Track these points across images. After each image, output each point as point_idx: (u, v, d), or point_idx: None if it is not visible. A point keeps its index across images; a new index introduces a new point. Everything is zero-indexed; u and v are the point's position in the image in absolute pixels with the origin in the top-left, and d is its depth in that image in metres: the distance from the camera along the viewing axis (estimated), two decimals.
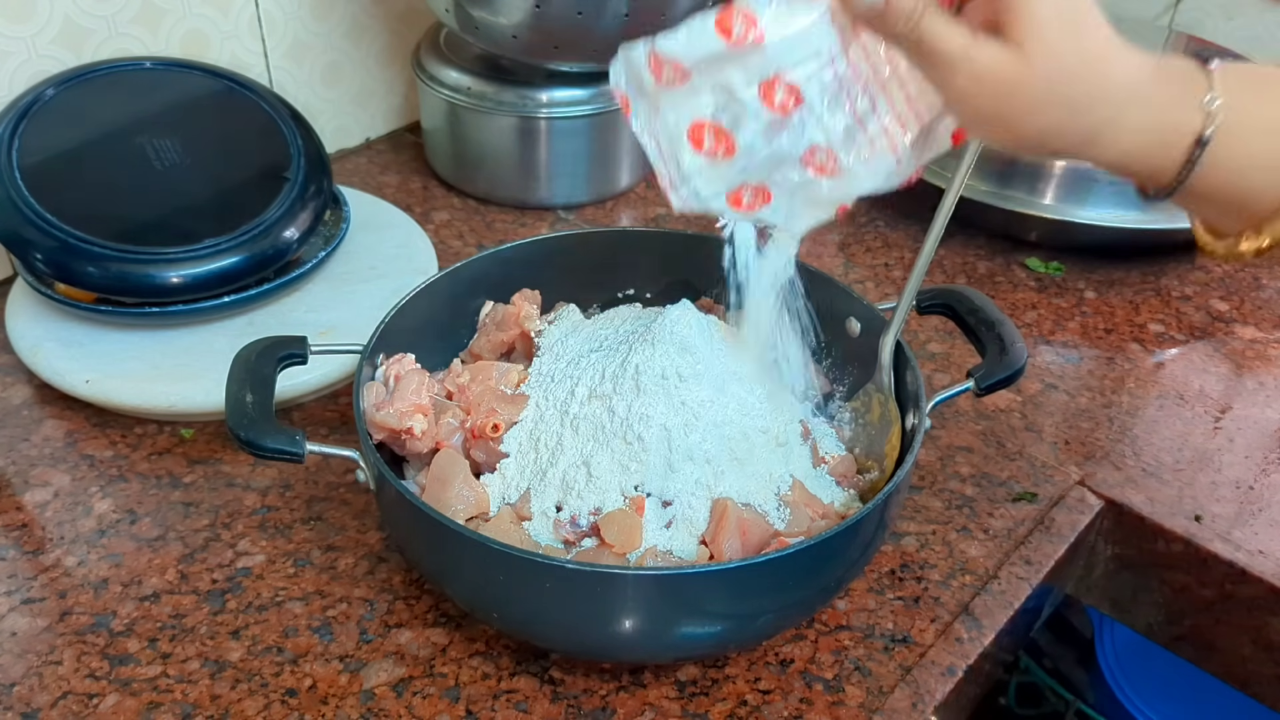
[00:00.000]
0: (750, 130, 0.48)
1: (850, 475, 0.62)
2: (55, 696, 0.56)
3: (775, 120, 0.47)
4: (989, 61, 0.41)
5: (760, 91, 0.47)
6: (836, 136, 0.47)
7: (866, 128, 0.47)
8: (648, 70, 0.48)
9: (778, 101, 0.47)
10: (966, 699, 0.63)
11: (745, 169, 0.50)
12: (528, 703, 0.56)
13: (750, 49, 0.45)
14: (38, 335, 0.76)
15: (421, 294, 0.66)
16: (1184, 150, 0.44)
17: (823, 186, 0.49)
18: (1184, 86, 0.44)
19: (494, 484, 0.59)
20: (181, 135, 0.80)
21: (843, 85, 0.46)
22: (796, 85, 0.46)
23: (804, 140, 0.48)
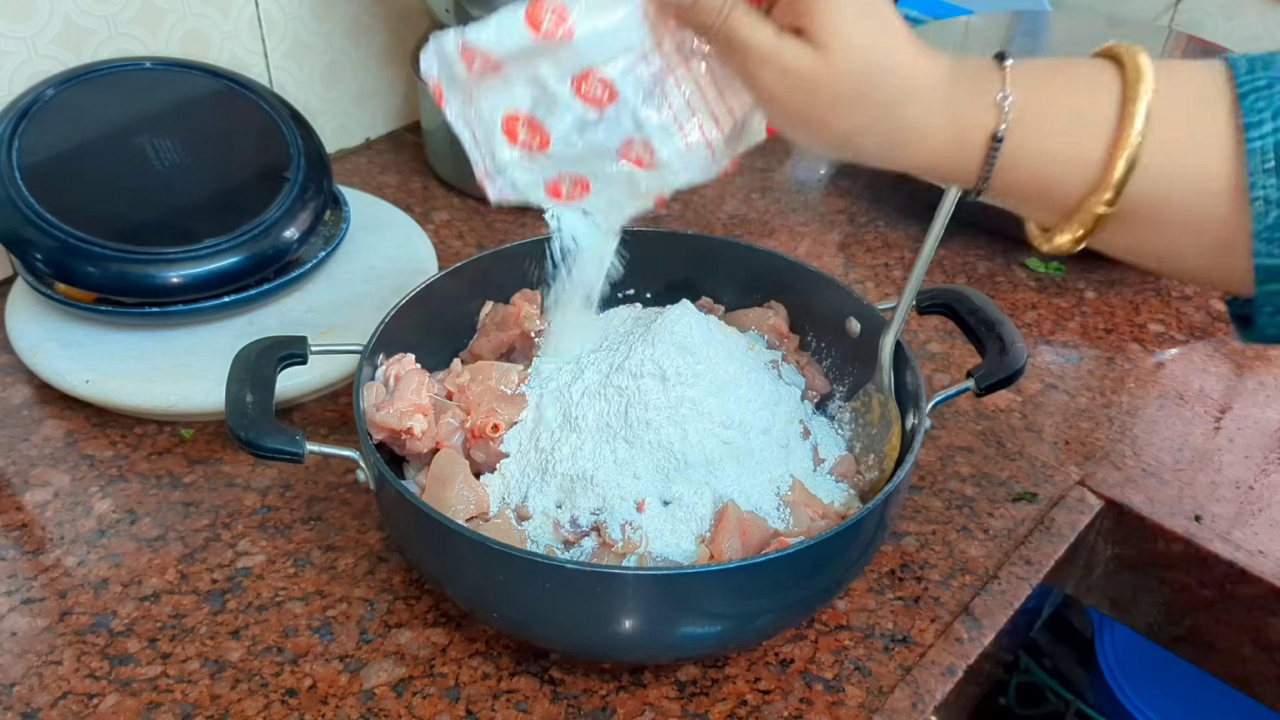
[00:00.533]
0: (565, 123, 0.48)
1: (850, 475, 0.62)
2: (55, 696, 0.56)
3: (590, 114, 0.48)
4: (792, 60, 0.42)
5: (573, 85, 0.47)
6: (652, 130, 0.48)
7: (681, 122, 0.48)
8: (459, 61, 0.48)
9: (592, 95, 0.47)
10: (966, 699, 0.63)
11: (561, 161, 0.50)
12: (528, 703, 0.56)
13: (560, 43, 0.45)
14: (38, 335, 0.76)
15: (421, 294, 0.66)
16: (982, 148, 0.44)
17: (640, 179, 0.50)
18: (978, 84, 0.44)
19: (494, 484, 0.59)
20: (181, 135, 0.80)
21: (657, 80, 0.47)
22: (610, 80, 0.46)
23: (620, 134, 0.48)
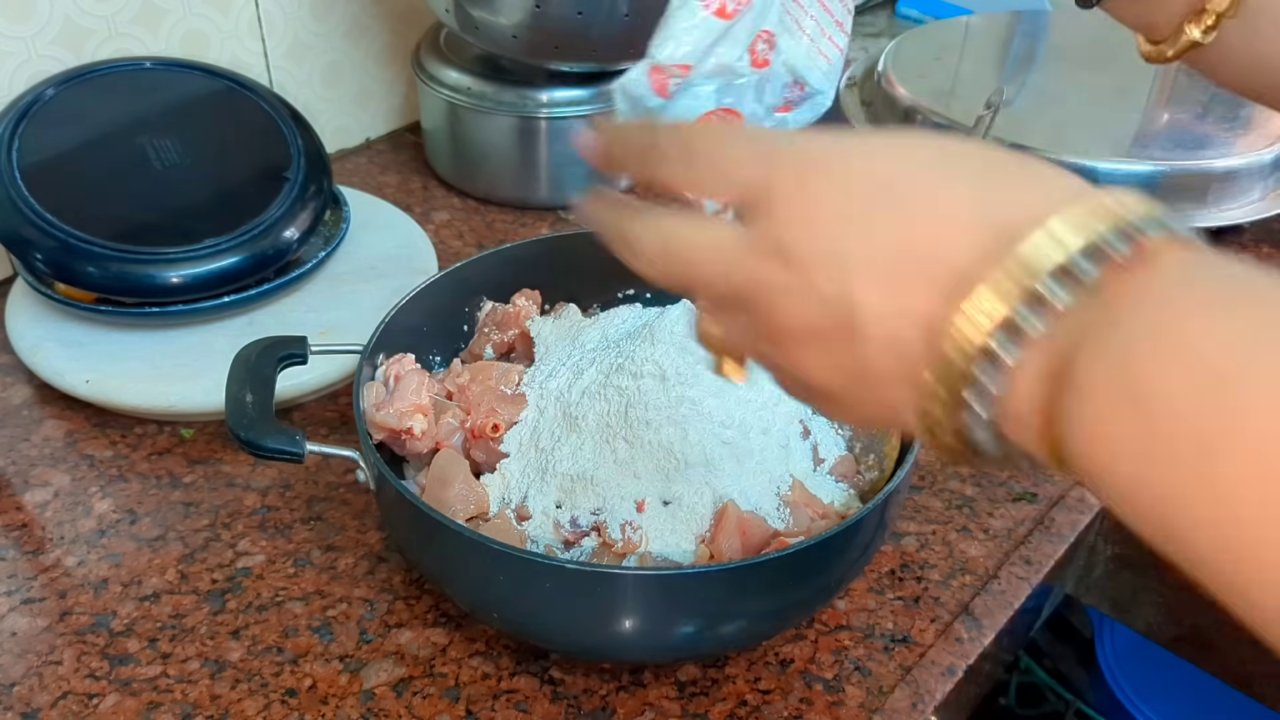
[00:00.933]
0: (748, 96, 0.47)
1: (850, 475, 0.62)
2: (55, 696, 0.56)
3: (761, 76, 0.46)
4: None
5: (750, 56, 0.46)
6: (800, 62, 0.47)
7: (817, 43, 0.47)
8: (649, 88, 0.47)
9: (761, 57, 0.46)
10: (966, 699, 0.63)
11: None
12: (528, 703, 0.56)
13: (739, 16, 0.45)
14: (38, 335, 0.76)
15: (421, 294, 0.66)
16: None
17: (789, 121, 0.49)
18: None
19: (494, 484, 0.59)
20: (181, 135, 0.80)
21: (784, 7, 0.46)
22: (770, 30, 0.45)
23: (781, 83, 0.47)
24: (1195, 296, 0.25)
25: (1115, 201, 0.27)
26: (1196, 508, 0.24)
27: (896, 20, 1.42)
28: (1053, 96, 1.03)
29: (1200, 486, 0.24)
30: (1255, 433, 0.23)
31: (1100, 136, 0.95)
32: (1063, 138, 0.94)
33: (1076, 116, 0.99)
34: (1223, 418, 0.23)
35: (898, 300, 0.29)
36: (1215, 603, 0.27)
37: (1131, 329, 0.25)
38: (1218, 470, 0.23)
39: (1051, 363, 0.26)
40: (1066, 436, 0.26)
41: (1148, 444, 0.24)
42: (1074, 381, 0.26)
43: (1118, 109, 1.01)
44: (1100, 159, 0.91)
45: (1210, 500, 0.24)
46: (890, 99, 1.02)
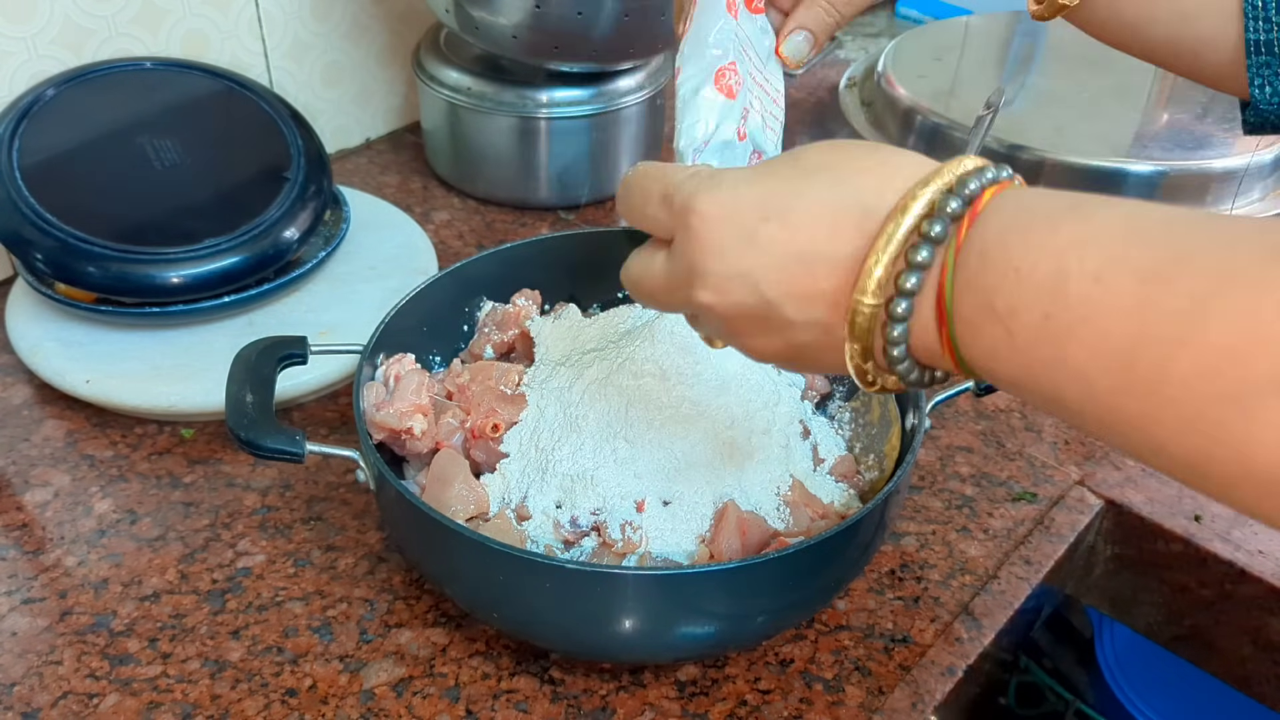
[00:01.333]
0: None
1: (850, 475, 0.62)
2: (55, 696, 0.56)
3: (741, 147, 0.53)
4: None
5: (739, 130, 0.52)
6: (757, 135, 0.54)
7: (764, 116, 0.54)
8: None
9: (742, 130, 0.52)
10: (966, 699, 0.63)
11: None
12: (528, 703, 0.56)
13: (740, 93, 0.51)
14: (38, 335, 0.76)
15: (421, 294, 0.66)
16: None
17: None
18: None
19: (494, 484, 0.59)
20: (181, 135, 0.80)
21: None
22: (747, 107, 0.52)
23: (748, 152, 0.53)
24: (1012, 229, 0.32)
25: (949, 167, 0.34)
26: (1061, 384, 0.31)
27: (896, 20, 1.42)
28: (1053, 96, 1.03)
29: (1060, 369, 0.31)
30: (1081, 319, 0.30)
31: (1100, 136, 0.95)
32: (1063, 138, 0.94)
33: (1076, 116, 0.99)
34: (1055, 313, 0.30)
35: (805, 290, 0.36)
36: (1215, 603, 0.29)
37: (976, 265, 0.32)
38: (1065, 353, 0.30)
39: (934, 304, 0.34)
40: (961, 355, 0.34)
41: (1011, 346, 0.32)
42: (954, 314, 0.33)
43: (1118, 109, 1.01)
44: (1100, 159, 0.91)
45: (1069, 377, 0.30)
46: (890, 99, 1.02)
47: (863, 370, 0.37)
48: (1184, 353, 0.27)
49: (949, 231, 0.33)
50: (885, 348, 0.35)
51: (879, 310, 0.34)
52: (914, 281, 0.33)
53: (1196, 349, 0.27)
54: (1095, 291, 0.29)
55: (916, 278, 0.33)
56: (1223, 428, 0.27)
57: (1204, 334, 0.27)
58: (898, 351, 0.35)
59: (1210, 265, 0.28)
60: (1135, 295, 0.29)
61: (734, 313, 0.38)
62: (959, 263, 0.33)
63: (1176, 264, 0.28)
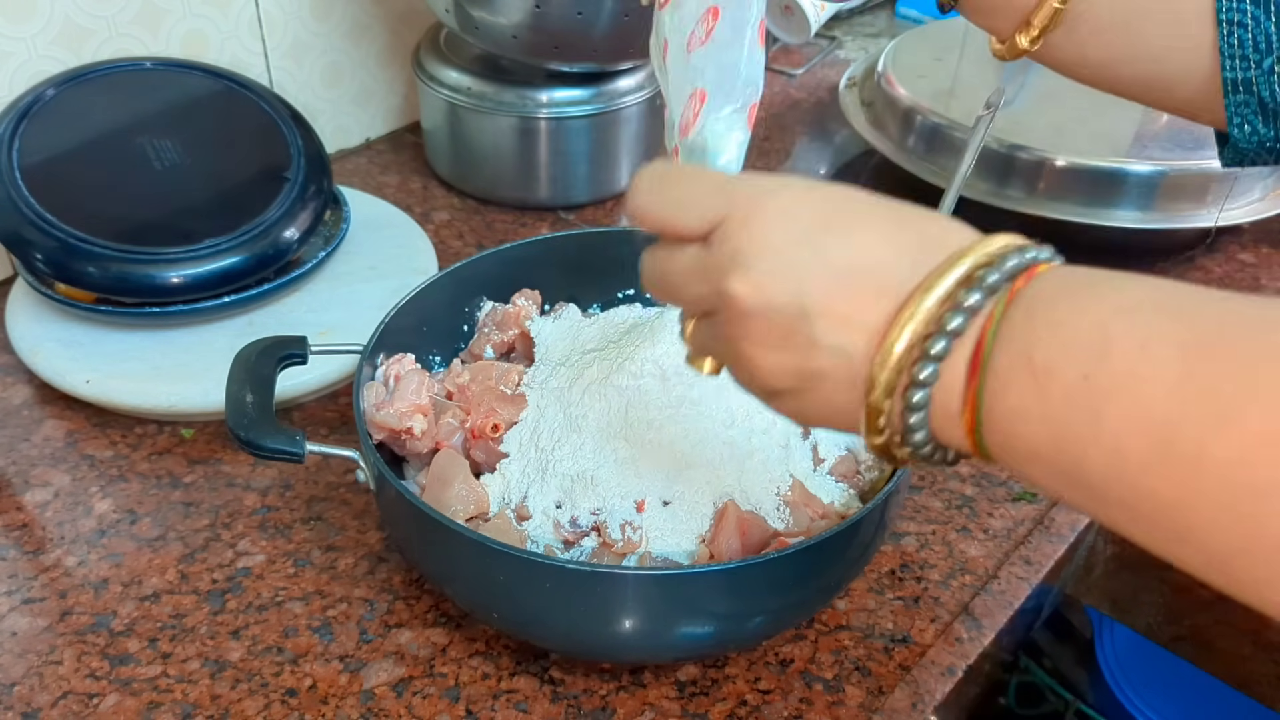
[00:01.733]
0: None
1: (850, 475, 0.62)
2: (55, 696, 0.56)
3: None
4: None
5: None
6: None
7: None
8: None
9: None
10: (966, 699, 0.63)
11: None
12: (528, 703, 0.56)
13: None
14: (38, 335, 0.76)
15: (421, 294, 0.66)
16: None
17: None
18: None
19: (494, 484, 0.59)
20: (181, 135, 0.80)
21: None
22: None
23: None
24: (1066, 290, 0.32)
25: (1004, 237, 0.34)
26: (1090, 452, 0.30)
27: (896, 20, 1.42)
28: (1053, 96, 1.03)
29: (1090, 434, 0.29)
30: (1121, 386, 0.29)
31: (1100, 136, 0.95)
32: (1063, 138, 0.94)
33: (1076, 116, 0.98)
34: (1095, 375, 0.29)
35: (846, 310, 0.34)
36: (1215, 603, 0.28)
37: (1021, 319, 0.32)
38: (1100, 418, 0.29)
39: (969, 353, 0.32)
40: (983, 417, 0.32)
41: (1043, 406, 0.30)
42: (987, 366, 0.32)
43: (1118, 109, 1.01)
44: (1100, 159, 0.91)
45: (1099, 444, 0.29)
46: (890, 99, 1.02)
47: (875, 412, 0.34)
48: (1223, 437, 0.26)
49: (1003, 285, 0.32)
50: (908, 389, 0.33)
51: (915, 348, 0.33)
52: (959, 323, 0.32)
53: (1236, 434, 0.26)
54: (1139, 359, 0.28)
55: (962, 319, 0.32)
56: (1259, 522, 0.26)
57: (1243, 419, 0.26)
58: (919, 397, 0.33)
59: (1251, 348, 0.27)
60: (1178, 369, 0.28)
61: (762, 314, 0.36)
62: (1005, 315, 0.32)
63: (1218, 344, 0.28)
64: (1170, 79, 0.53)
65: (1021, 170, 0.93)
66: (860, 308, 0.34)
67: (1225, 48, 0.50)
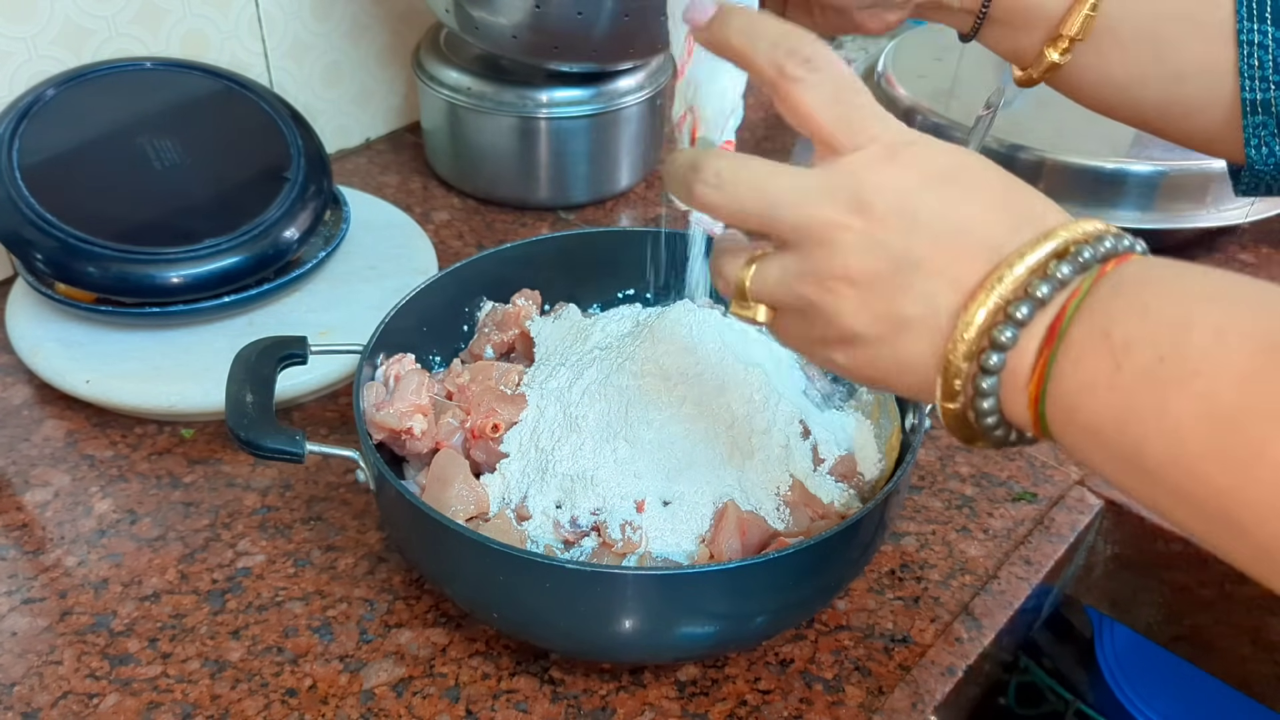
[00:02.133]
0: None
1: (850, 475, 0.62)
2: (55, 696, 0.56)
3: None
4: None
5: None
6: None
7: None
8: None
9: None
10: (966, 699, 0.63)
11: None
12: (528, 703, 0.56)
13: None
14: (38, 335, 0.76)
15: (421, 294, 0.66)
16: None
17: None
18: None
19: (494, 484, 0.59)
20: (181, 135, 0.80)
21: None
22: None
23: None
24: (1154, 275, 0.33)
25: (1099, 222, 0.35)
26: (1151, 433, 0.30)
27: None
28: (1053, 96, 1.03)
29: (1155, 416, 0.30)
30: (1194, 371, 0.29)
31: (1100, 136, 0.95)
32: (1063, 138, 0.94)
33: (1076, 116, 0.98)
34: (1171, 358, 0.30)
35: (944, 262, 0.35)
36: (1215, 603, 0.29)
37: (1107, 294, 0.33)
38: (1167, 399, 0.30)
39: (1049, 321, 0.33)
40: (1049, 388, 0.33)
41: (1113, 382, 0.31)
42: (1064, 336, 0.33)
43: None
44: (1100, 159, 0.90)
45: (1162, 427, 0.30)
46: (890, 99, 1.02)
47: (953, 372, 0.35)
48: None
49: (1094, 264, 0.33)
50: (985, 351, 0.34)
51: (1000, 311, 0.34)
52: (1045, 291, 0.33)
53: None
54: (1215, 347, 0.29)
55: (1049, 288, 0.33)
56: None
57: None
58: (995, 361, 0.34)
59: None
60: (1249, 363, 0.28)
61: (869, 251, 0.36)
62: (1092, 290, 0.33)
63: None
64: (1190, 102, 0.54)
65: (1021, 170, 0.92)
66: (958, 263, 0.35)
67: (1245, 68, 0.51)
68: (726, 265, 0.41)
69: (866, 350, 0.37)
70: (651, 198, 1.03)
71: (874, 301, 0.36)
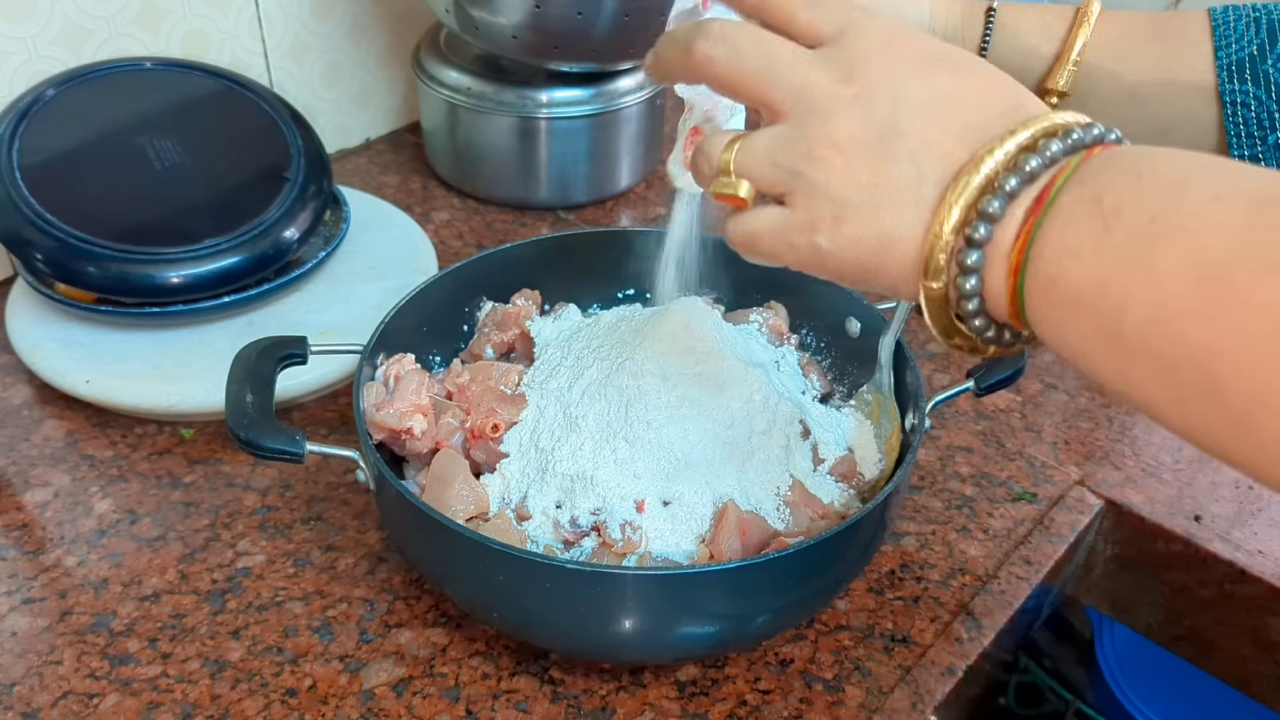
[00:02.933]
0: None
1: (850, 475, 0.62)
2: (55, 696, 0.56)
3: None
4: None
5: None
6: None
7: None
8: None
9: None
10: (966, 699, 0.63)
11: None
12: (528, 703, 0.56)
13: None
14: (38, 335, 0.76)
15: (421, 294, 0.66)
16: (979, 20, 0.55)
17: None
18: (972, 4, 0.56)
19: (494, 484, 0.59)
20: (181, 135, 0.80)
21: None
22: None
23: None
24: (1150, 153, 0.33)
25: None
26: (1135, 293, 0.30)
27: None
28: None
29: (1140, 274, 0.30)
30: (1185, 228, 0.29)
31: None
32: None
33: None
34: (1163, 218, 0.30)
35: (933, 134, 0.36)
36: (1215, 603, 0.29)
37: (1099, 165, 0.33)
38: (1154, 257, 0.30)
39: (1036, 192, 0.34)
40: (1031, 254, 0.33)
41: (1100, 243, 0.31)
42: (1052, 203, 0.33)
43: None
44: None
45: (1146, 284, 0.30)
46: None
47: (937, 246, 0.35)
48: (1272, 281, 0.27)
49: (1083, 146, 0.34)
50: (972, 224, 0.34)
51: (988, 186, 0.34)
52: (1035, 164, 0.34)
53: None
54: (1210, 208, 0.29)
55: (1039, 162, 0.34)
56: None
57: None
58: (981, 233, 0.34)
59: None
60: (1243, 219, 0.28)
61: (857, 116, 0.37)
62: (1084, 163, 0.33)
63: None
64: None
65: None
66: (946, 137, 0.36)
67: (1230, 127, 0.51)
68: (710, 145, 0.41)
69: (851, 224, 0.37)
70: (651, 198, 1.03)
71: (861, 168, 0.37)
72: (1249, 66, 0.50)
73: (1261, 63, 0.50)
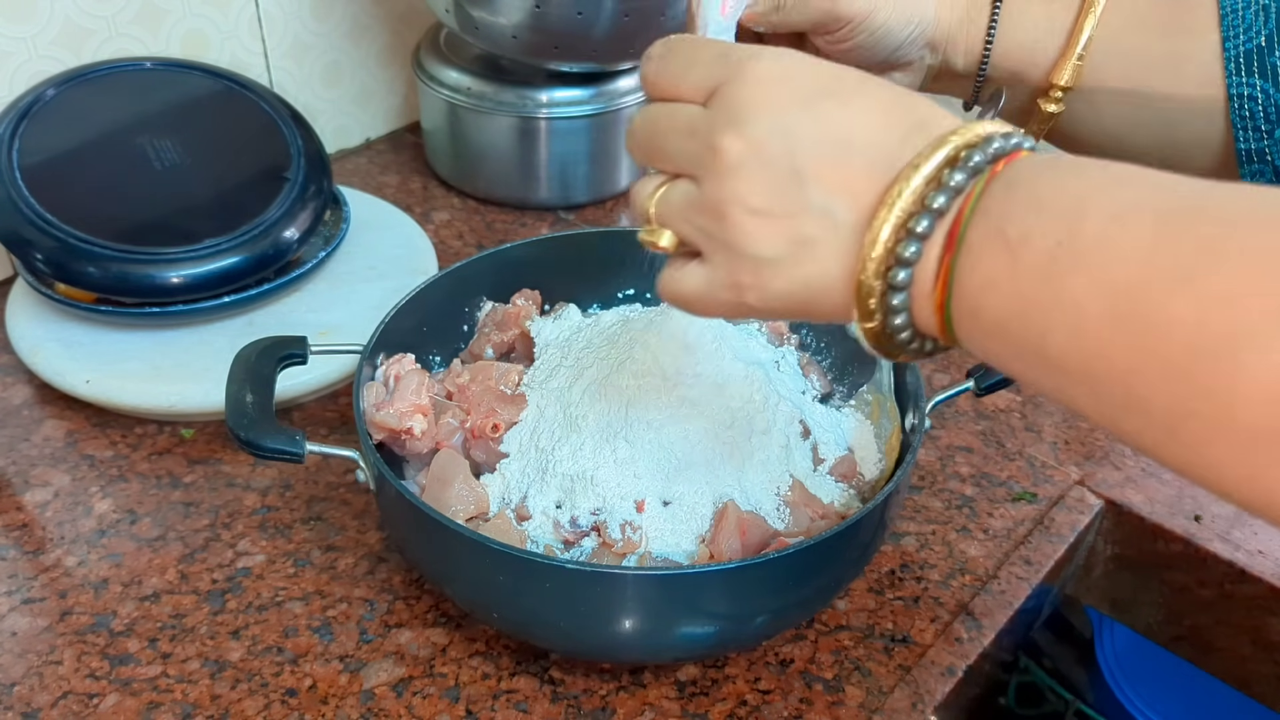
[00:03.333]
0: None
1: (850, 475, 0.62)
2: (55, 696, 0.56)
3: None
4: None
5: None
6: None
7: None
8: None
9: None
10: (966, 699, 0.63)
11: None
12: (528, 703, 0.56)
13: None
14: (38, 335, 0.76)
15: (421, 294, 0.66)
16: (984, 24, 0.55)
17: None
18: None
19: (494, 484, 0.59)
20: (181, 135, 0.80)
21: None
22: None
23: None
24: (1044, 170, 0.33)
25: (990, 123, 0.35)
26: (1053, 320, 0.30)
27: None
28: None
29: (1055, 303, 0.30)
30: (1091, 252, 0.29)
31: None
32: None
33: None
34: (1067, 243, 0.30)
35: (837, 177, 0.35)
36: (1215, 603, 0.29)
37: (1000, 194, 0.33)
38: (1066, 285, 0.30)
39: (948, 228, 0.33)
40: (954, 291, 0.33)
41: (1013, 274, 0.31)
42: (963, 240, 0.33)
43: None
44: None
45: (1063, 312, 0.30)
46: None
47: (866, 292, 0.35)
48: (1182, 295, 0.27)
49: (986, 166, 0.33)
50: (891, 268, 0.34)
51: (901, 227, 0.34)
52: (941, 201, 0.33)
53: (1196, 293, 0.27)
54: (1112, 230, 0.29)
55: (945, 198, 0.33)
56: (1208, 384, 0.27)
57: (1207, 278, 0.27)
58: (902, 276, 0.34)
59: (1230, 214, 0.28)
60: (1151, 236, 0.28)
61: (754, 172, 0.36)
62: (986, 191, 0.33)
63: (1195, 212, 0.28)
64: (1186, 146, 0.54)
65: None
66: (852, 178, 0.35)
67: (1236, 120, 0.51)
68: (637, 192, 0.41)
69: (775, 281, 0.37)
70: None
71: (773, 225, 0.36)
72: (1257, 58, 0.50)
73: (1270, 55, 0.50)
